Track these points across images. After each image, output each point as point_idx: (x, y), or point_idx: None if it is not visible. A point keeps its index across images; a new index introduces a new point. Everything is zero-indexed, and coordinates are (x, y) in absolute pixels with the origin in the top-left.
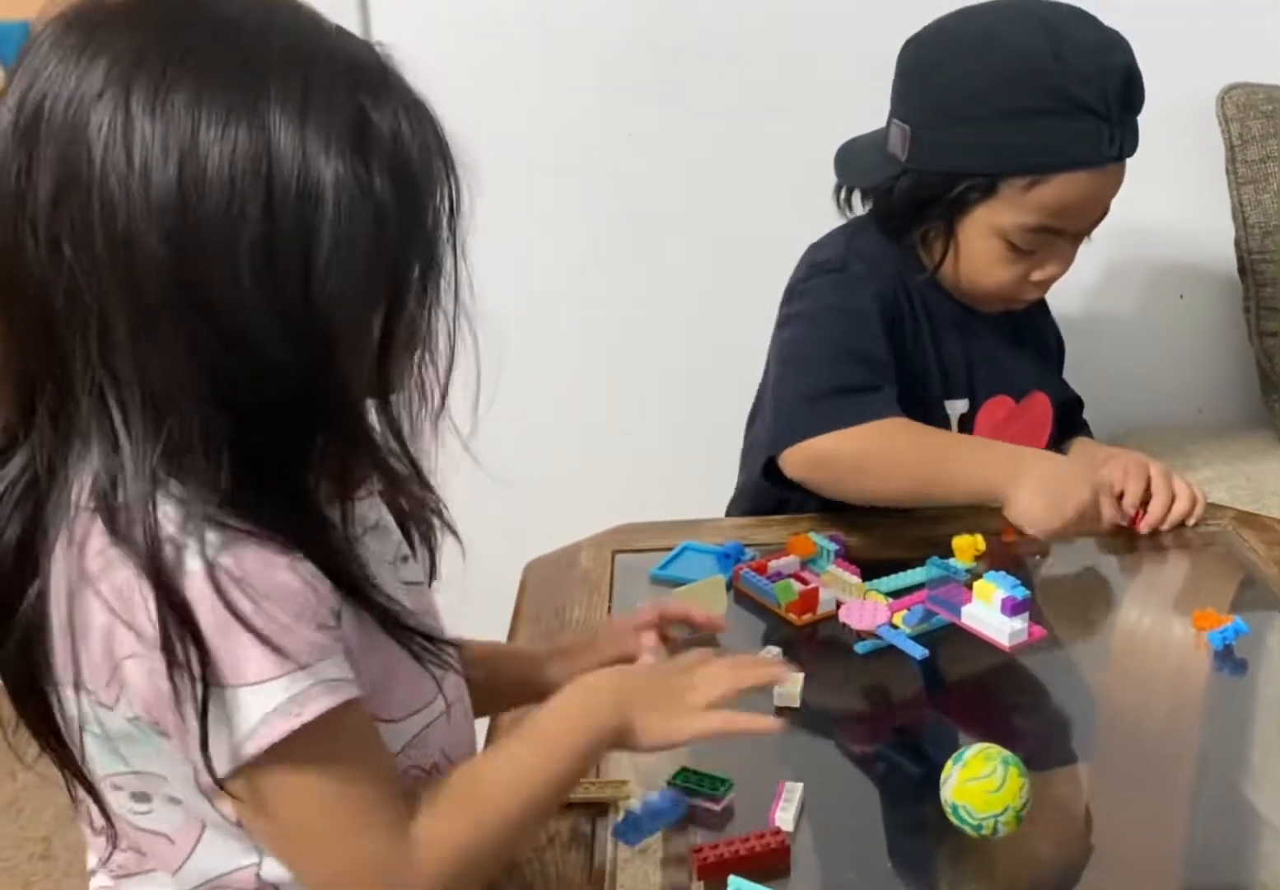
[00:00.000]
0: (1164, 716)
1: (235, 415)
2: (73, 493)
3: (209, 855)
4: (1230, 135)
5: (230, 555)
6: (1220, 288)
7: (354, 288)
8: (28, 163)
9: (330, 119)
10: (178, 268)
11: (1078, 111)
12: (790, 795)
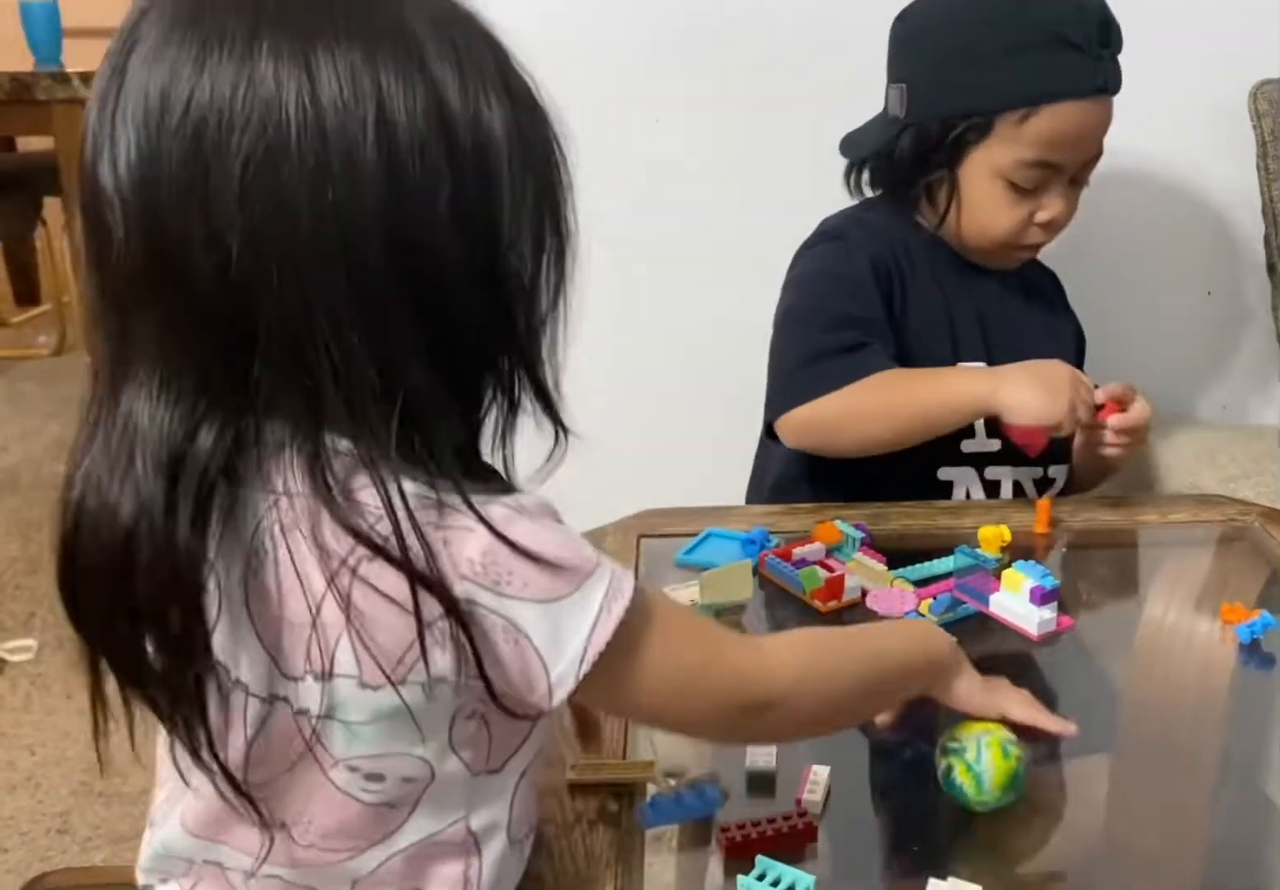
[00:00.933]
0: (1190, 709)
1: (452, 378)
2: (276, 478)
3: (427, 817)
4: (1262, 131)
5: (506, 499)
6: (1248, 285)
7: (528, 229)
8: (195, 157)
9: (482, 73)
10: (384, 224)
11: (1061, 45)
12: (817, 778)
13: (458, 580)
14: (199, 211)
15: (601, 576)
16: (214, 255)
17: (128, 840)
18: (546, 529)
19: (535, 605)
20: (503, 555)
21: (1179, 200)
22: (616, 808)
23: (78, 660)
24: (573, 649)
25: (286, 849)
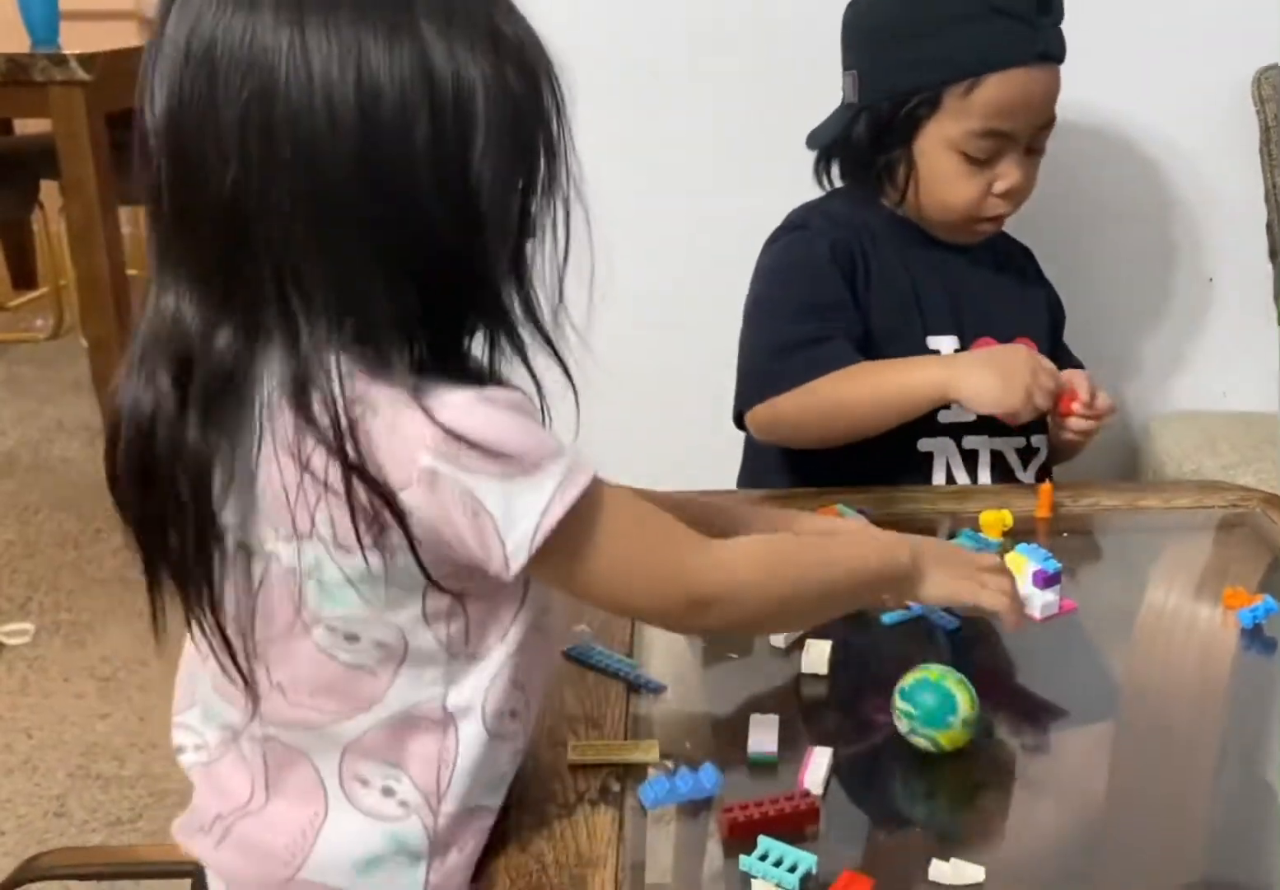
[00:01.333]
0: (1191, 693)
1: (409, 299)
2: (265, 389)
3: (403, 687)
4: (1265, 117)
5: (473, 388)
6: (1250, 272)
7: (504, 173)
8: (208, 92)
9: (470, 30)
10: (360, 167)
11: (997, 16)
12: (820, 760)
13: (421, 452)
14: (211, 139)
15: (559, 464)
16: (221, 177)
17: (125, 823)
18: (506, 417)
19: (491, 480)
20: (457, 432)
21: (1181, 186)
22: (618, 788)
23: (73, 643)
24: (526, 523)
25: (281, 709)
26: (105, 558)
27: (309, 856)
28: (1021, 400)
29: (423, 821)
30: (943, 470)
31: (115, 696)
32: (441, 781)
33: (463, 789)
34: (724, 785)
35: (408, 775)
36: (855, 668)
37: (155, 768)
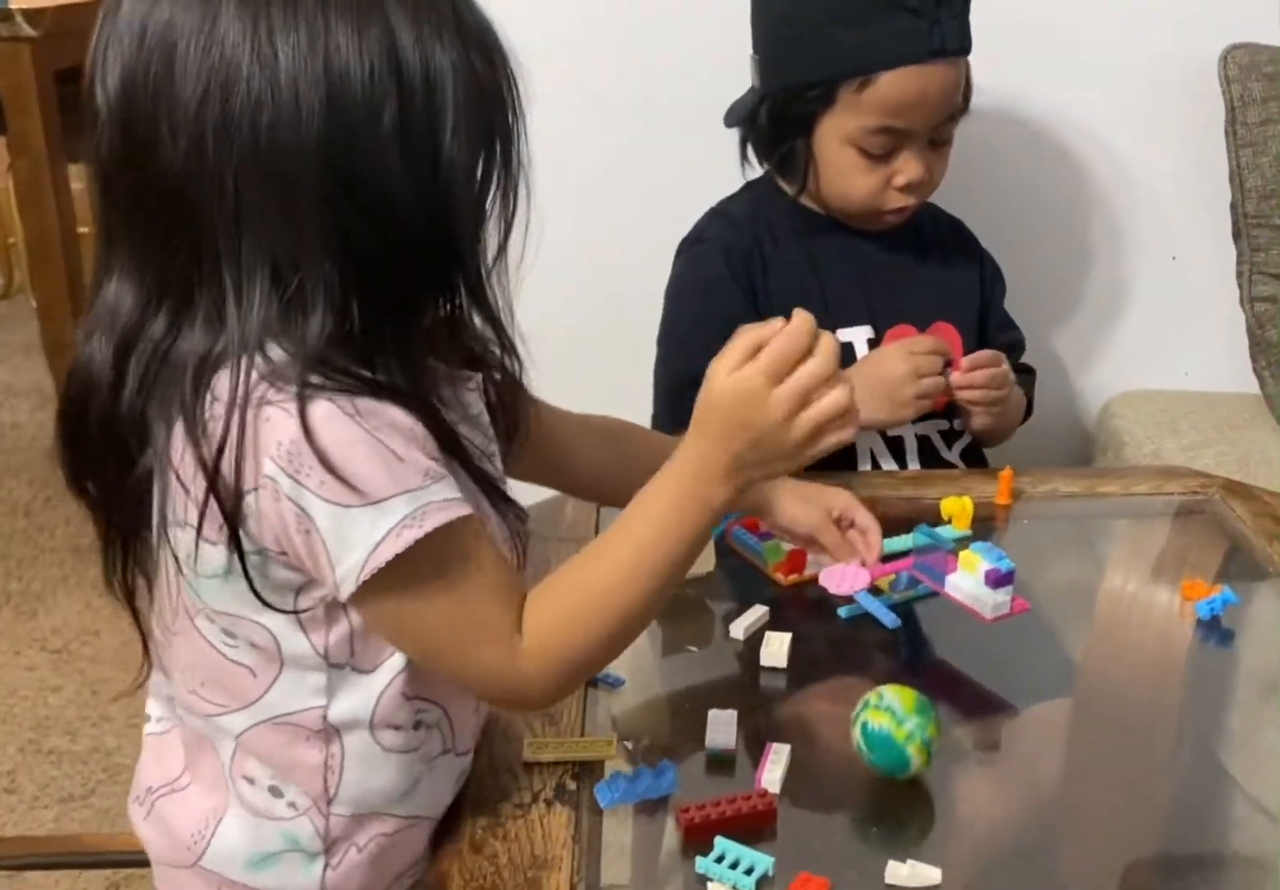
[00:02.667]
0: (1148, 685)
1: (362, 272)
2: (184, 359)
3: (283, 692)
4: (1231, 96)
5: (345, 396)
6: (1214, 251)
7: (470, 154)
8: (164, 71)
9: (436, 16)
10: (326, 149)
11: (893, 10)
12: (778, 756)
13: (266, 459)
14: (164, 116)
15: (404, 504)
16: (171, 155)
17: (77, 799)
18: (366, 442)
19: (327, 504)
20: (305, 448)
21: (1147, 165)
22: (575, 786)
23: (23, 614)
24: (356, 555)
25: (181, 693)
26: (57, 526)
27: (208, 847)
28: (909, 412)
29: (313, 822)
30: (867, 461)
31: (66, 669)
32: (329, 787)
33: (352, 796)
34: (681, 783)
35: (293, 780)
36: (814, 660)
37: (108, 742)
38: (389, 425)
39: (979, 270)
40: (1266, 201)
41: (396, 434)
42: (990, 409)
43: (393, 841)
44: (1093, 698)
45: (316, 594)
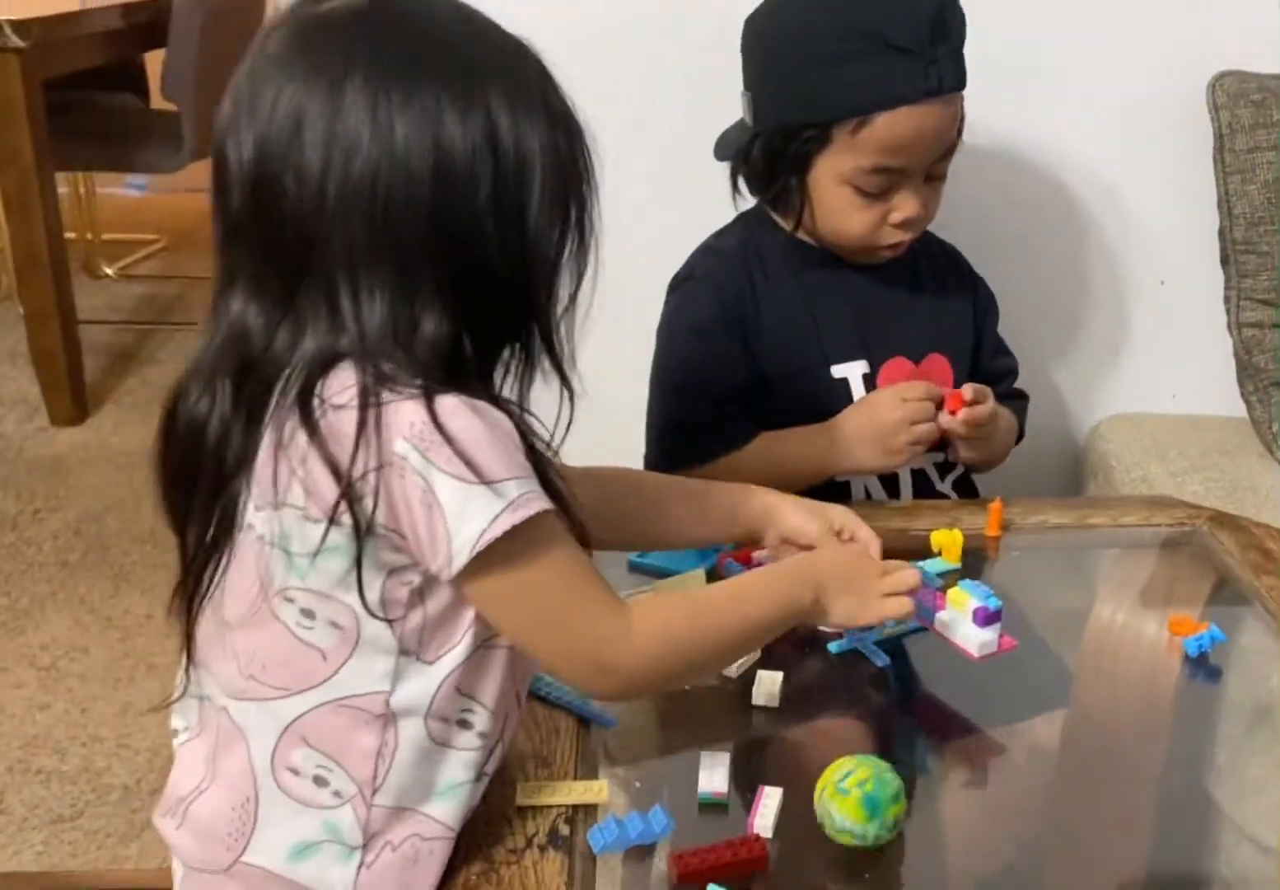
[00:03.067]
0: (1137, 719)
1: (455, 317)
2: (296, 368)
3: (351, 676)
4: (1219, 124)
5: (465, 393)
6: (1202, 276)
7: (550, 223)
8: (295, 141)
9: (529, 101)
10: (431, 209)
11: (888, 51)
12: (769, 801)
13: (397, 438)
14: (294, 179)
15: (518, 486)
16: (299, 209)
17: (66, 820)
18: (485, 430)
19: (452, 479)
20: (434, 429)
21: (1136, 188)
22: (568, 831)
23: (11, 630)
24: (474, 527)
25: (234, 679)
26: (45, 540)
27: (250, 841)
28: (902, 459)
29: (355, 811)
30: (861, 494)
31: (55, 686)
32: (378, 774)
33: (397, 784)
34: (674, 827)
35: (341, 766)
36: (806, 699)
37: (97, 762)
38: (499, 423)
39: (973, 298)
40: (1254, 228)
41: (505, 432)
42: (975, 445)
43: (427, 847)
44: (1081, 731)
45: (404, 579)
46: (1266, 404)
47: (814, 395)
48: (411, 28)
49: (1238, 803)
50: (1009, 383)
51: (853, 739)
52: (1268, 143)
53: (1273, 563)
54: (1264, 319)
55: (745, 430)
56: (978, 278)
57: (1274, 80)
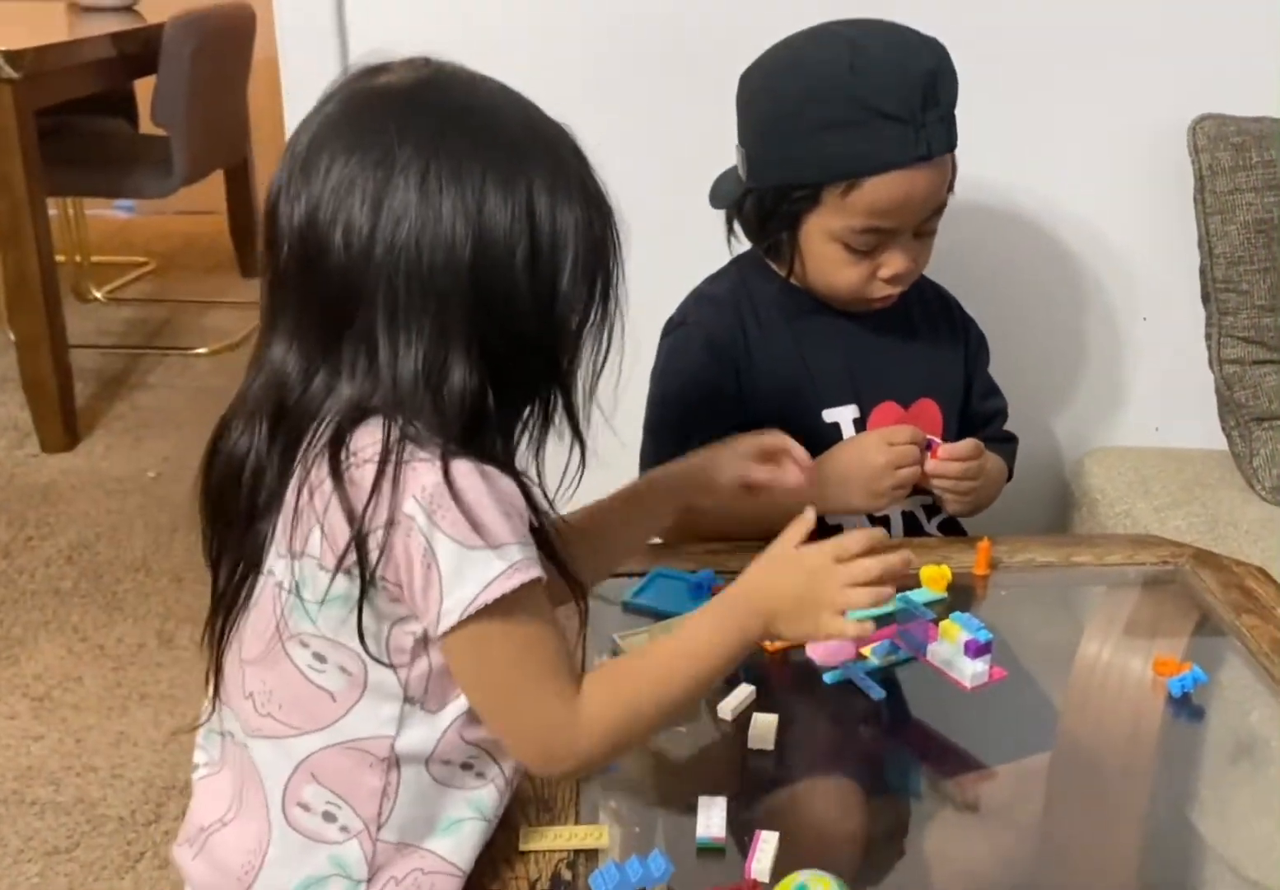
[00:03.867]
0: (1122, 754)
1: (483, 375)
2: (328, 416)
3: (358, 719)
4: (1200, 165)
5: (477, 460)
6: (1184, 313)
7: (581, 293)
8: (343, 207)
9: (567, 183)
10: (471, 272)
11: (878, 118)
12: (766, 845)
13: (408, 499)
14: (342, 240)
15: (515, 553)
16: (345, 268)
17: (62, 852)
18: (490, 499)
19: (453, 542)
20: (445, 493)
21: (1120, 226)
22: (570, 876)
23: (4, 660)
24: (468, 589)
25: (250, 717)
26: (37, 568)
27: (258, 875)
28: (886, 502)
29: (361, 847)
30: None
31: (49, 717)
32: (383, 811)
33: (401, 821)
34: (673, 872)
35: (349, 803)
36: (802, 739)
37: (92, 792)
38: (505, 491)
39: (964, 343)
40: (1235, 267)
41: (510, 499)
42: (962, 498)
43: (429, 881)
44: (1069, 766)
45: (408, 629)
46: (1248, 439)
47: (806, 439)
48: (462, 108)
49: (1222, 836)
50: (998, 424)
51: (848, 778)
52: (1247, 184)
53: (1253, 601)
54: (1244, 355)
55: None
56: (970, 322)
57: (1253, 123)
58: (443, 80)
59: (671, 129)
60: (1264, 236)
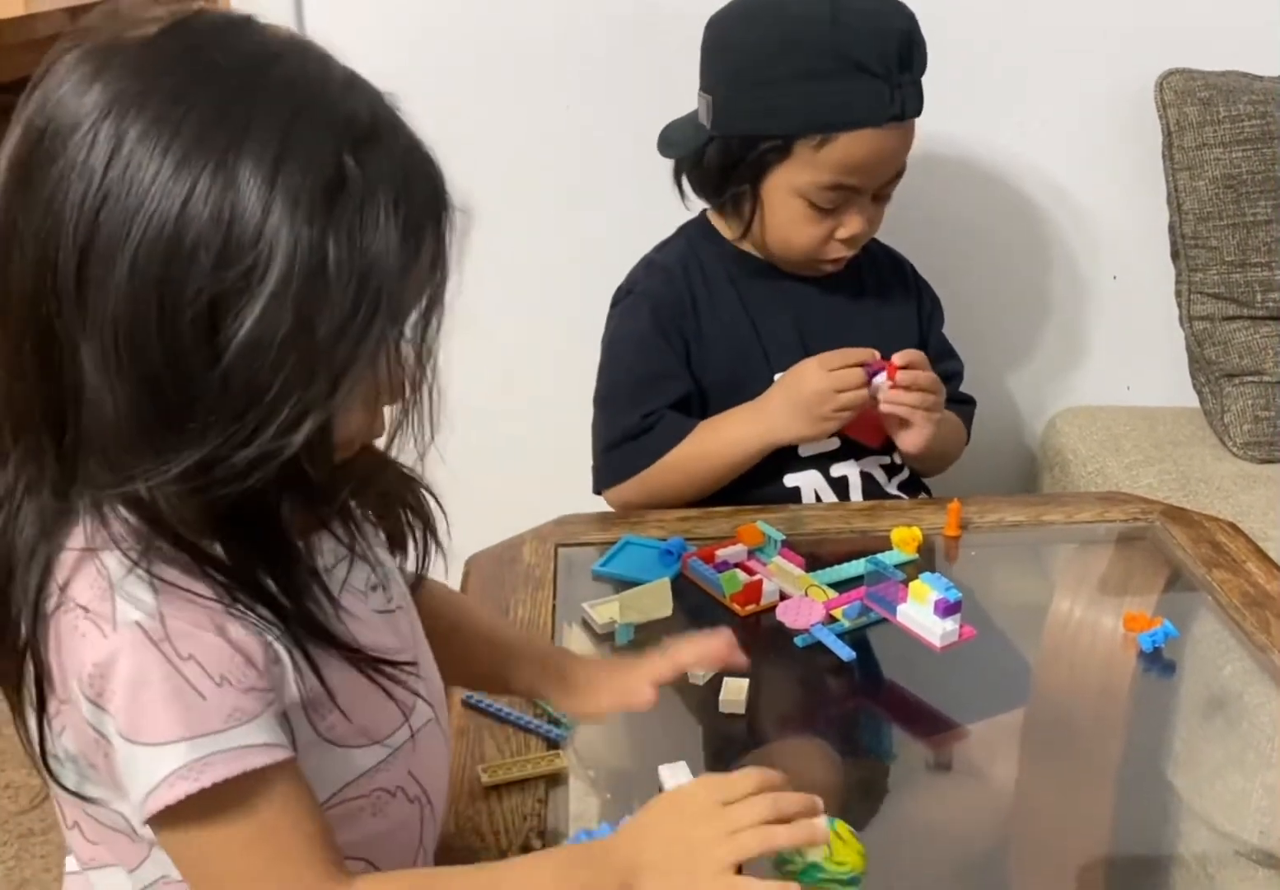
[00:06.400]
0: (1094, 709)
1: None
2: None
3: (163, 859)
4: (1168, 121)
5: (159, 615)
6: (1153, 270)
7: (272, 348)
8: (18, 188)
9: (302, 180)
10: (129, 299)
11: (857, 72)
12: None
13: (73, 678)
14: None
15: (188, 750)
16: (26, 277)
17: (38, 835)
18: (164, 677)
19: (118, 735)
20: (112, 676)
21: (1087, 185)
22: (540, 845)
23: None
24: (135, 796)
25: (82, 848)
26: None
27: None
28: (831, 425)
29: None
30: (811, 499)
31: None
32: None
33: None
34: None
35: None
36: (773, 702)
37: None
38: (203, 654)
39: (916, 305)
40: (1203, 223)
41: (207, 665)
42: (929, 415)
43: None
44: (1042, 723)
45: None
46: (1218, 396)
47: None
48: (195, 54)
49: (1195, 790)
50: (954, 386)
51: (820, 739)
52: (1215, 140)
53: (1223, 555)
54: (1214, 312)
55: (684, 424)
56: (923, 283)
57: (1220, 78)
58: (193, 26)
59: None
60: (1232, 192)
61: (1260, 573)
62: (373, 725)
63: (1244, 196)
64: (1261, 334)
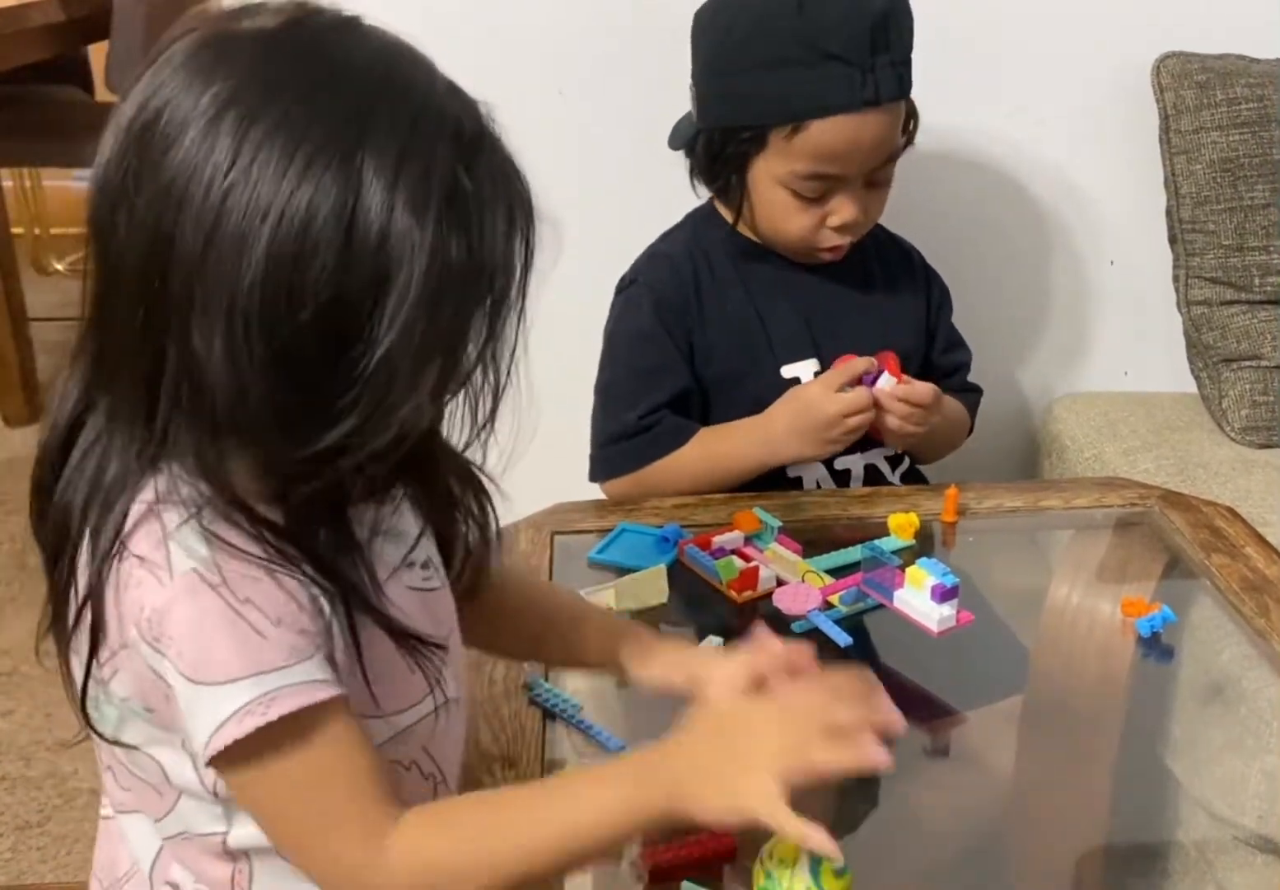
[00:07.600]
0: (1093, 695)
1: (277, 423)
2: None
3: (187, 814)
4: (1165, 104)
5: (214, 564)
6: (1151, 255)
7: (410, 343)
8: (137, 164)
9: (423, 182)
10: (250, 291)
11: (824, 59)
12: None
13: (130, 624)
14: (124, 222)
15: (254, 686)
16: (124, 254)
17: (34, 827)
18: (223, 617)
19: (181, 677)
20: (171, 621)
21: (1084, 169)
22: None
23: None
24: (201, 735)
25: (114, 791)
26: (3, 542)
27: None
28: (837, 449)
29: None
30: (812, 487)
31: (17, 692)
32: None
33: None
34: None
35: (210, 887)
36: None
37: (63, 766)
38: (260, 597)
39: (925, 295)
40: (1201, 207)
41: (264, 608)
42: (916, 429)
43: None
44: (1040, 708)
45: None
46: (1216, 380)
47: (765, 396)
48: (315, 56)
49: (1193, 774)
50: (961, 376)
51: None
52: (1212, 123)
53: (1221, 540)
54: (1212, 296)
55: (685, 428)
56: (932, 272)
57: (1218, 61)
58: (311, 25)
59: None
60: (1230, 175)
61: (1259, 557)
62: (389, 699)
63: (1242, 180)
64: (1259, 318)
